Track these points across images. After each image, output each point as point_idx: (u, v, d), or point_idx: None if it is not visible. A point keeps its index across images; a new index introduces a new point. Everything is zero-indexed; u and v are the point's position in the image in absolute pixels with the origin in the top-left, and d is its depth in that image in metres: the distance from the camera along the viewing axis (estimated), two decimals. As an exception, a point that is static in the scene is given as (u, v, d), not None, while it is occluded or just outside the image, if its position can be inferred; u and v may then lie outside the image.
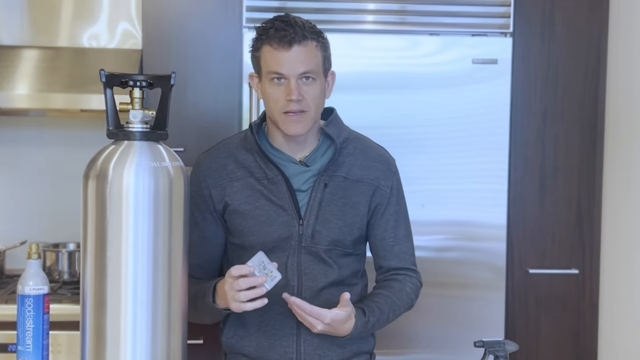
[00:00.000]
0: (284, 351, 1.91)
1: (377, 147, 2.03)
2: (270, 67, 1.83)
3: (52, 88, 2.80)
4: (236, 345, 1.96)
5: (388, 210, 1.97)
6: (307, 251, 1.90)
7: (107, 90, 1.57)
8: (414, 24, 2.90)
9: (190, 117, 2.85)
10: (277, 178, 1.89)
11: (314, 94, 1.84)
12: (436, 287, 2.84)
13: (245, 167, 1.92)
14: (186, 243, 1.57)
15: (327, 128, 1.93)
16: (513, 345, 1.75)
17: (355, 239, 1.95)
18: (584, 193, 2.96)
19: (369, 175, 1.95)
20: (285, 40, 1.81)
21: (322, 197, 1.90)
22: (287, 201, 1.89)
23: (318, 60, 1.85)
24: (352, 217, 1.93)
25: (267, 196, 1.89)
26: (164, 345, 1.52)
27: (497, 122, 2.87)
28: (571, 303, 2.96)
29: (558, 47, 2.93)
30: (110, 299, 1.49)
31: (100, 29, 3.13)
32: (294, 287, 1.90)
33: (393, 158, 2.04)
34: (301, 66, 1.82)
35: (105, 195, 1.48)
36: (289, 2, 2.88)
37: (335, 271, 1.93)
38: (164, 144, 1.57)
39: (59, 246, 3.05)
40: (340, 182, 1.92)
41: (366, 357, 2.02)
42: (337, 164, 1.92)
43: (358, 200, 1.93)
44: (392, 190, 1.98)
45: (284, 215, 1.89)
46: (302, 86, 1.82)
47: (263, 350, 1.92)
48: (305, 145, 1.93)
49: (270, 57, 1.83)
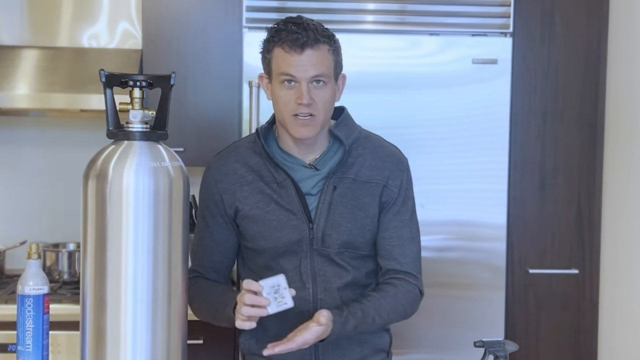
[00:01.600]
0: (302, 352, 1.86)
1: (388, 146, 2.00)
2: (281, 70, 1.82)
3: (52, 88, 2.80)
4: (254, 348, 1.95)
5: (393, 209, 1.94)
6: (319, 254, 1.89)
7: (107, 90, 1.57)
8: (414, 24, 2.90)
9: (190, 117, 2.86)
10: (285, 182, 1.88)
11: (325, 99, 1.83)
12: (436, 287, 2.84)
13: (255, 171, 1.91)
14: (186, 243, 1.57)
15: (336, 130, 1.91)
16: (513, 345, 1.75)
17: (366, 240, 1.93)
18: (584, 193, 2.96)
19: (378, 175, 1.92)
20: (298, 43, 1.79)
21: (331, 200, 1.89)
22: (297, 205, 1.88)
23: (330, 64, 1.84)
24: (362, 219, 1.91)
25: (277, 200, 1.88)
26: (164, 345, 1.52)
27: (497, 122, 2.86)
28: (571, 303, 2.96)
29: (558, 47, 2.93)
30: (110, 299, 1.49)
31: (100, 29, 3.13)
32: (309, 289, 1.89)
33: (405, 157, 2.01)
34: (313, 70, 1.80)
35: (105, 195, 1.48)
36: (289, 2, 2.88)
37: (350, 273, 1.91)
38: (164, 144, 1.57)
39: (59, 246, 3.05)
40: (349, 184, 1.90)
41: (383, 356, 2.01)
42: (346, 165, 1.91)
43: (367, 202, 1.91)
44: (400, 190, 1.94)
45: (294, 220, 1.88)
46: (313, 90, 1.81)
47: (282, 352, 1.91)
48: (314, 148, 1.92)
49: (282, 60, 1.81)
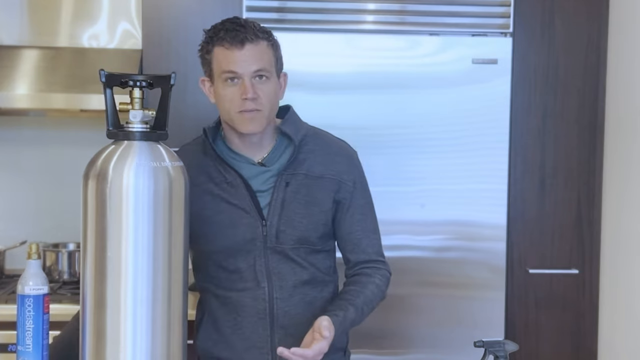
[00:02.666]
0: (259, 352, 1.91)
1: (338, 142, 2.02)
2: (223, 67, 1.84)
3: (52, 88, 2.80)
4: (212, 350, 1.97)
5: (353, 204, 1.96)
6: (274, 251, 1.90)
7: (107, 90, 1.57)
8: (414, 24, 2.90)
9: (190, 117, 2.85)
10: (235, 181, 1.90)
11: (269, 93, 1.86)
12: (436, 287, 2.85)
13: (206, 173, 1.92)
14: (186, 243, 1.57)
15: (283, 127, 1.93)
16: (513, 345, 1.75)
17: (320, 235, 1.94)
18: (584, 193, 2.96)
19: (330, 170, 1.94)
20: (238, 39, 1.82)
21: (284, 197, 1.90)
22: (248, 203, 1.89)
23: (270, 59, 1.87)
24: (317, 214, 1.92)
25: (228, 200, 1.90)
26: (164, 345, 1.52)
27: (497, 122, 2.86)
28: (571, 303, 2.96)
29: (558, 47, 2.93)
30: (110, 299, 1.48)
31: (100, 29, 3.13)
32: (264, 288, 1.90)
33: (355, 151, 2.03)
34: (255, 64, 1.83)
35: (105, 195, 1.48)
36: (289, 2, 2.88)
37: (306, 270, 1.93)
38: (164, 144, 1.57)
39: (59, 246, 3.05)
40: (301, 180, 1.92)
41: (340, 355, 2.02)
42: (297, 162, 1.92)
43: (321, 197, 1.93)
44: (355, 184, 1.97)
45: (247, 217, 1.89)
46: (257, 85, 1.84)
47: (238, 353, 1.92)
48: (262, 146, 1.93)
49: (224, 57, 1.84)
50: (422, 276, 2.82)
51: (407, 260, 2.83)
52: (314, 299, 1.94)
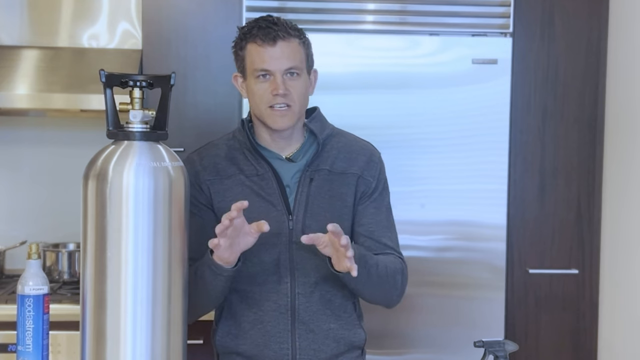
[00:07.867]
0: (279, 347, 1.91)
1: (361, 141, 2.05)
2: (255, 64, 1.87)
3: (52, 88, 2.80)
4: (230, 345, 1.96)
5: (370, 198, 1.98)
6: (299, 246, 1.90)
7: (107, 90, 1.57)
8: (414, 24, 2.90)
9: (190, 117, 2.86)
10: (267, 174, 1.91)
11: (299, 89, 1.88)
12: (436, 287, 2.85)
13: (236, 165, 1.94)
14: (186, 243, 1.57)
15: (310, 124, 1.97)
16: (513, 345, 1.75)
17: (345, 229, 1.93)
18: (584, 193, 2.96)
19: (352, 166, 1.97)
20: (270, 36, 1.86)
21: (308, 192, 1.92)
22: (277, 197, 1.91)
23: (302, 56, 1.90)
24: (340, 208, 1.94)
25: (258, 192, 1.91)
26: (164, 345, 1.52)
27: (497, 122, 2.87)
28: (571, 303, 2.97)
29: (558, 47, 2.93)
30: (110, 299, 1.49)
31: (100, 29, 3.13)
32: (287, 283, 1.91)
33: (378, 151, 2.05)
34: (286, 61, 1.86)
35: (105, 195, 1.48)
36: (289, 2, 2.88)
37: (329, 264, 1.93)
38: (164, 144, 1.58)
39: (59, 246, 3.05)
40: (325, 175, 1.94)
41: (358, 353, 2.02)
42: (321, 158, 1.95)
43: (344, 192, 1.95)
44: (376, 182, 1.99)
45: (274, 211, 1.90)
46: (288, 81, 1.87)
47: (258, 348, 1.92)
48: (291, 142, 1.96)
49: (256, 54, 1.87)
50: (422, 276, 2.82)
51: (407, 260, 2.82)
52: (334, 296, 1.95)
